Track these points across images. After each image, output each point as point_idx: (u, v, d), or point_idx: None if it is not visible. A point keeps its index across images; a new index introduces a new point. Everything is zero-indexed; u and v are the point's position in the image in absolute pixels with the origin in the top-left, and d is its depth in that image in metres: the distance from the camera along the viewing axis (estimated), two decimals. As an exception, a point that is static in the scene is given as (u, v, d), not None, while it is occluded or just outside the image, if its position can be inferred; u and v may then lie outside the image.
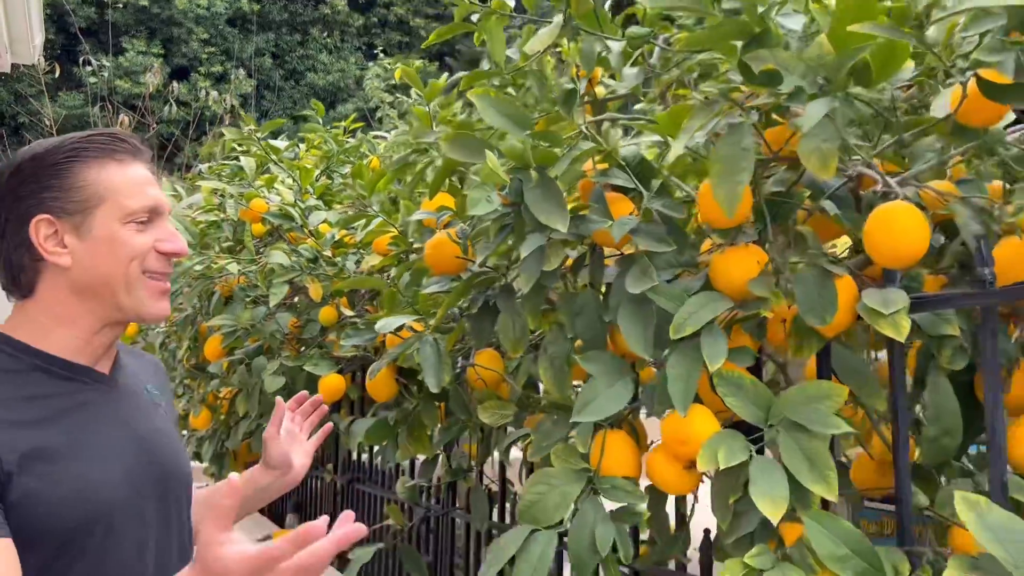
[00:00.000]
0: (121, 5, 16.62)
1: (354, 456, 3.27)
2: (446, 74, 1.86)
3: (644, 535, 1.50)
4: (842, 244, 1.27)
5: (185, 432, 4.15)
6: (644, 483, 1.20)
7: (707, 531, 1.34)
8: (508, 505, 2.13)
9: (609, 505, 1.13)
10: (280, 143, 2.62)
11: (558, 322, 1.29)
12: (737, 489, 1.02)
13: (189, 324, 3.50)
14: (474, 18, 1.41)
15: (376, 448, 3.00)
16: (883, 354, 1.27)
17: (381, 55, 14.96)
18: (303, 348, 2.99)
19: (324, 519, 0.85)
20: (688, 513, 1.36)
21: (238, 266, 2.58)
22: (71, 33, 14.73)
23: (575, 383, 1.32)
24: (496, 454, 1.65)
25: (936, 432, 1.07)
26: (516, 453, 1.65)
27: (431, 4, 19.55)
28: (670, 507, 1.35)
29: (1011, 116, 1.11)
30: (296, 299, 3.28)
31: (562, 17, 1.30)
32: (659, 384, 1.10)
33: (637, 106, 1.54)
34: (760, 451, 1.04)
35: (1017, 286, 1.01)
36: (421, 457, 2.10)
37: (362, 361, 2.89)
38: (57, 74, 9.68)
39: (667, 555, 1.31)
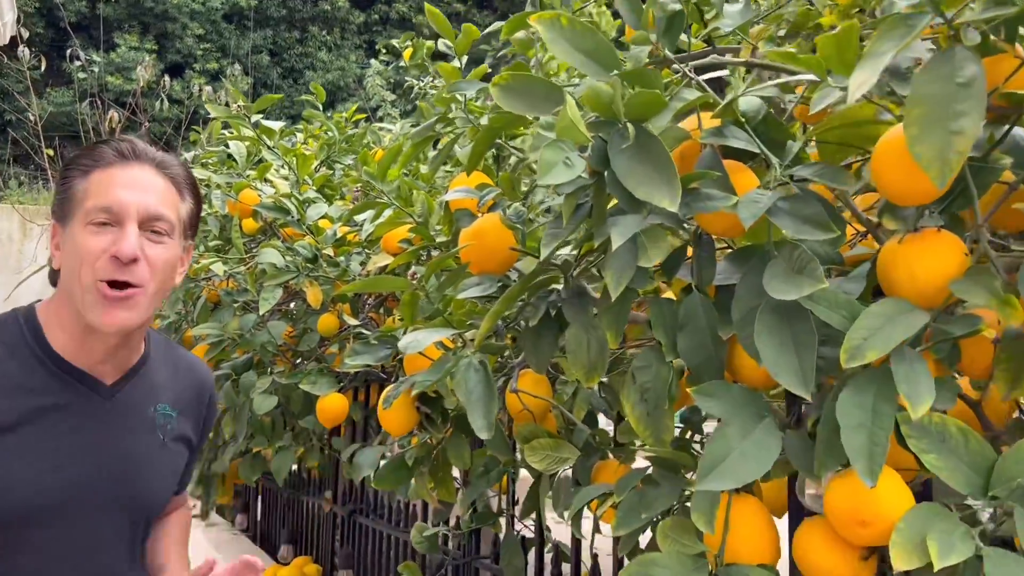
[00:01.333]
0: None
1: (356, 482, 2.92)
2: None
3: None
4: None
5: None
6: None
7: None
8: (547, 556, 1.80)
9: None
10: (274, 124, 2.29)
11: (648, 339, 0.95)
12: (954, 598, 0.68)
13: (172, 332, 3.17)
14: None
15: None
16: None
17: (383, 51, 14.63)
18: (298, 361, 2.65)
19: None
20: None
21: (224, 267, 2.24)
22: (60, 28, 14.42)
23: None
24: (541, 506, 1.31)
25: None
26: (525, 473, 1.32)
27: (434, 1, 19.25)
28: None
29: None
30: (292, 305, 2.95)
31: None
32: (822, 431, 0.76)
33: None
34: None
35: None
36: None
37: (366, 377, 2.56)
38: (43, 67, 9.35)
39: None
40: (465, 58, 1.35)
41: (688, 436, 0.99)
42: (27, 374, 1.09)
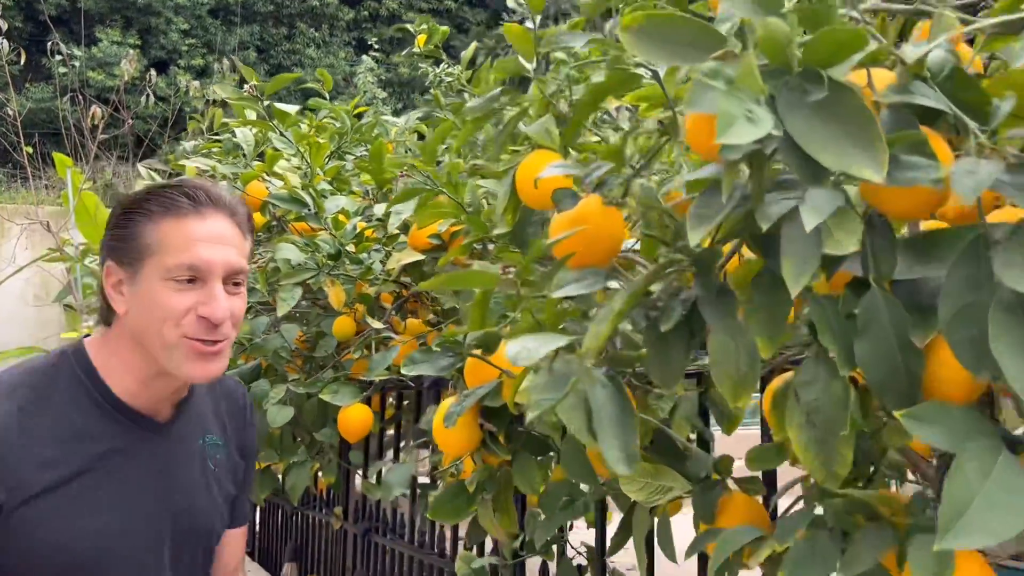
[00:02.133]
0: (95, -7, 16.01)
1: (385, 501, 2.72)
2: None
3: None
4: None
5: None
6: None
7: None
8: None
9: None
10: (289, 107, 2.10)
11: (810, 345, 0.77)
12: None
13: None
14: None
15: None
16: None
17: (375, 46, 14.41)
18: (307, 367, 2.46)
19: None
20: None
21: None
22: (40, 21, 14.11)
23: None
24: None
25: None
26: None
27: (424, -3, 19.06)
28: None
29: None
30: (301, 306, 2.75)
31: None
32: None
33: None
34: None
35: None
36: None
37: (383, 384, 2.37)
38: (23, 61, 9.09)
39: None
40: (538, 18, 1.17)
41: (872, 471, 0.81)
42: (87, 420, 1.09)
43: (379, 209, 2.33)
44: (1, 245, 9.85)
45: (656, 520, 1.01)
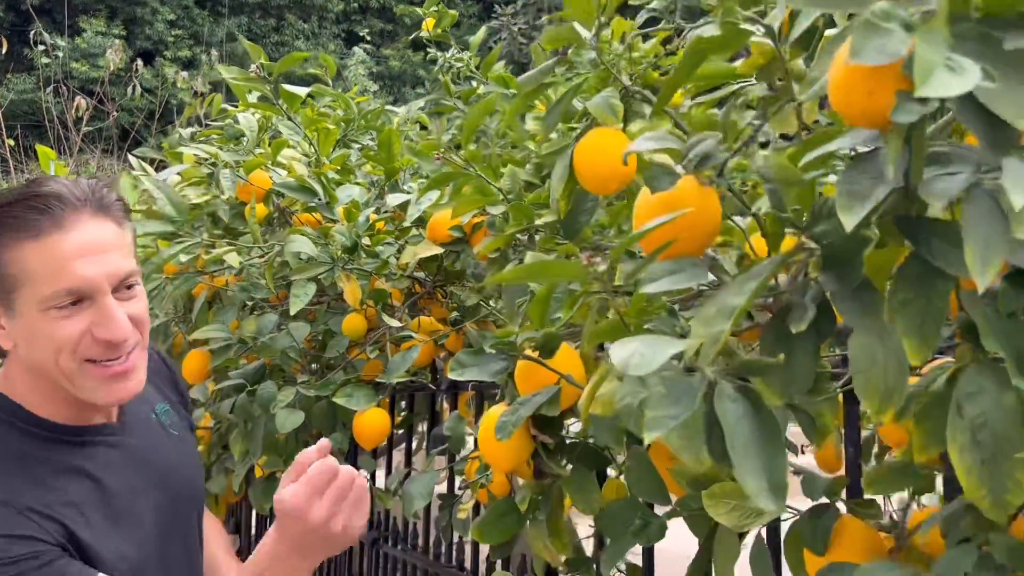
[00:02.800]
0: (79, -17, 15.75)
1: (378, 506, 2.59)
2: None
3: None
4: None
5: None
6: None
7: None
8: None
9: None
10: (299, 89, 1.97)
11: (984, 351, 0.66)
12: None
13: (161, 335, 2.83)
14: None
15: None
16: None
17: (367, 37, 14.21)
18: (315, 367, 2.33)
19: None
20: None
21: (239, 257, 1.91)
22: (22, 11, 13.86)
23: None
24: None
25: None
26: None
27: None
28: None
29: None
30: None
31: None
32: None
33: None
34: None
35: None
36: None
37: (393, 387, 2.24)
38: (4, 49, 8.88)
39: None
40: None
41: None
42: (53, 460, 1.02)
43: (393, 199, 2.20)
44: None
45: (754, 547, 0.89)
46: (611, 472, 1.25)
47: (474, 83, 3.25)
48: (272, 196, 2.35)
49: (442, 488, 2.00)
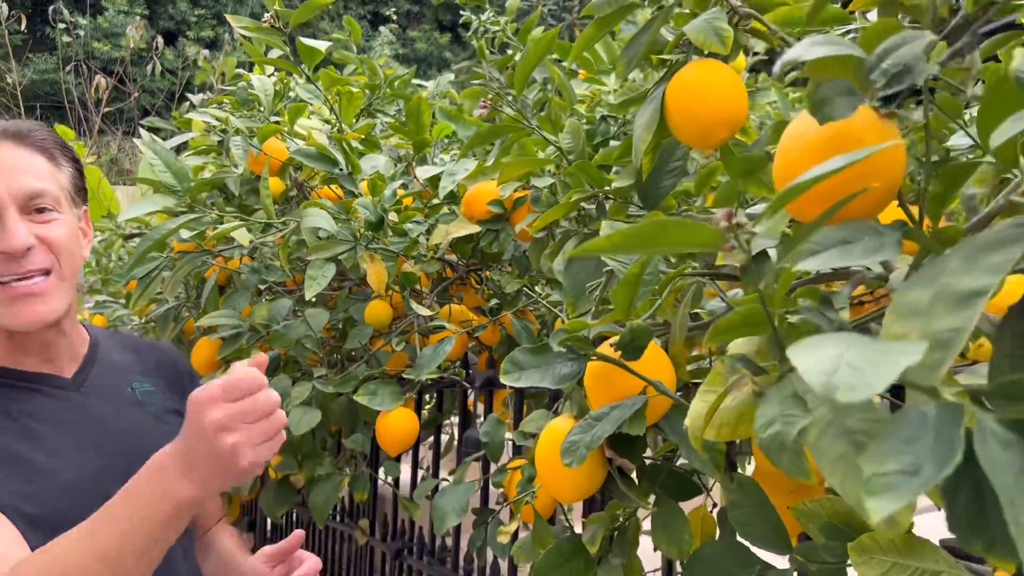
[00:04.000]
0: (101, -39, 15.64)
1: (401, 513, 2.37)
2: None
3: None
4: None
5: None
6: None
7: None
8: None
9: None
10: (319, 43, 1.75)
11: None
12: None
13: (171, 320, 2.64)
14: None
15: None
16: None
17: (393, 16, 13.97)
18: (330, 359, 2.12)
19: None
20: None
21: (250, 235, 1.70)
22: (44, -11, 13.79)
23: None
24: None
25: None
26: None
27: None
28: None
29: None
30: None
31: None
32: None
33: None
34: None
35: None
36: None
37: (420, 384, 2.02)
38: (24, 26, 8.79)
39: None
40: None
41: None
42: None
43: (423, 172, 1.98)
44: (1, 222, 9.60)
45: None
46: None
47: (509, 51, 3.02)
48: (289, 169, 2.14)
49: (474, 498, 1.78)
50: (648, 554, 0.94)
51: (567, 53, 1.71)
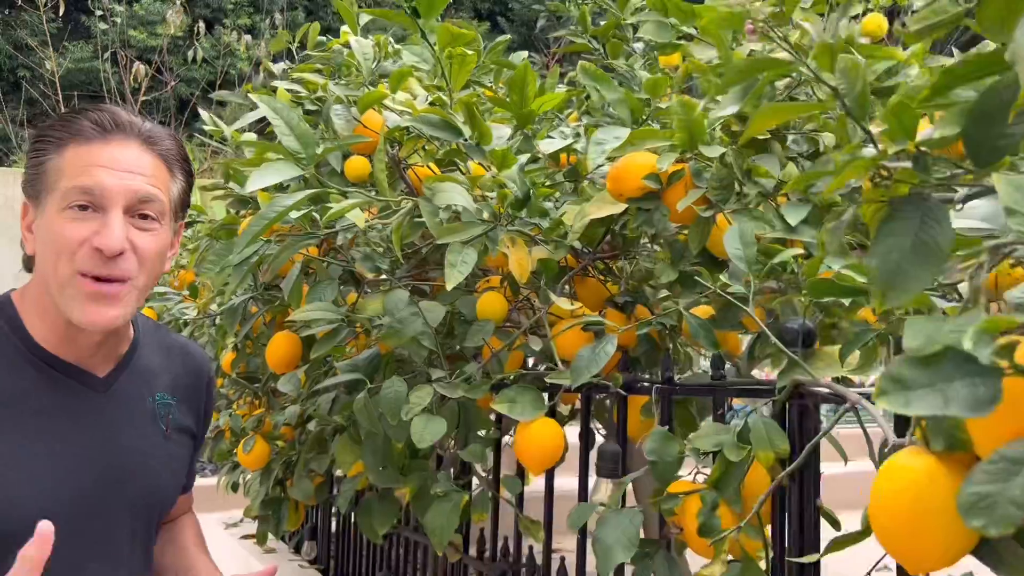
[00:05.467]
0: (137, -51, 15.59)
1: (502, 532, 2.13)
2: None
3: None
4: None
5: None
6: None
7: None
8: None
9: None
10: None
11: None
12: None
13: (239, 315, 2.44)
14: None
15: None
16: None
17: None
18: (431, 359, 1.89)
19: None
20: None
21: (364, 215, 1.47)
22: (80, -24, 13.76)
23: None
24: None
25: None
26: None
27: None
28: None
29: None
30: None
31: None
32: None
33: None
34: None
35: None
36: None
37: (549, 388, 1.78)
38: (61, 12, 8.70)
39: None
40: None
41: None
42: (15, 376, 1.03)
43: (547, 145, 1.74)
44: (38, 213, 9.58)
45: None
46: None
47: (603, 22, 2.79)
48: (384, 145, 1.92)
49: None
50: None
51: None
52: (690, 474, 1.41)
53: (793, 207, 1.40)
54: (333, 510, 3.39)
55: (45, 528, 0.85)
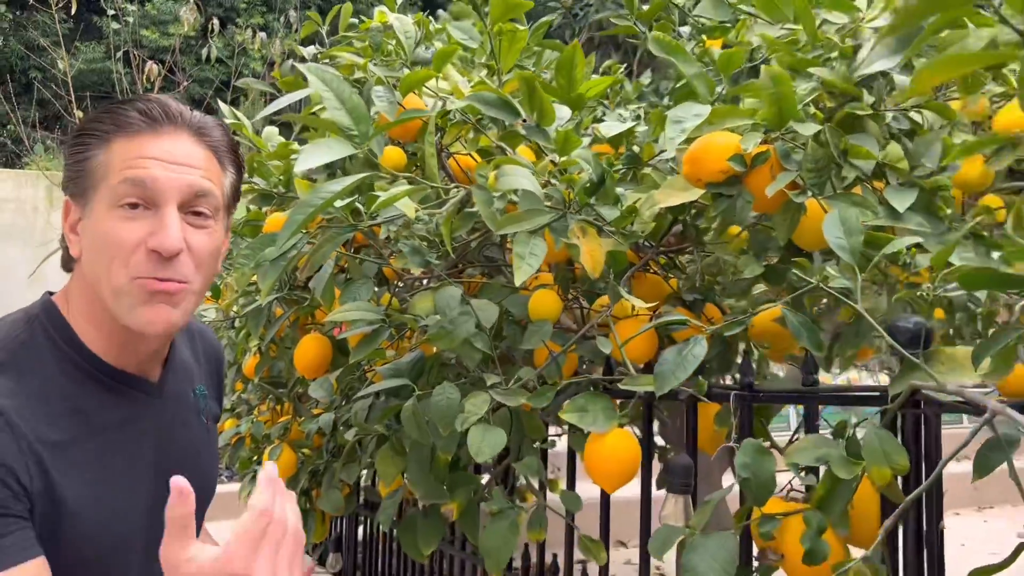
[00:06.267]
0: (149, -51, 15.55)
1: (540, 550, 1.98)
2: None
3: None
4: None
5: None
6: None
7: None
8: None
9: None
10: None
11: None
12: None
13: (264, 318, 2.31)
14: None
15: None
16: None
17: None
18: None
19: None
20: None
21: (416, 206, 1.33)
22: (92, -24, 13.71)
23: None
24: None
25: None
26: None
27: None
28: None
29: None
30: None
31: None
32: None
33: None
34: None
35: None
36: None
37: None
38: (73, 10, 8.61)
39: None
40: None
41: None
42: (79, 393, 0.98)
43: (608, 128, 1.60)
44: (50, 215, 9.56)
45: None
46: None
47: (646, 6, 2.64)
48: (427, 133, 1.78)
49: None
50: None
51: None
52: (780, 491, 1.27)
53: (897, 191, 1.26)
54: (359, 519, 3.27)
55: (179, 482, 0.81)
